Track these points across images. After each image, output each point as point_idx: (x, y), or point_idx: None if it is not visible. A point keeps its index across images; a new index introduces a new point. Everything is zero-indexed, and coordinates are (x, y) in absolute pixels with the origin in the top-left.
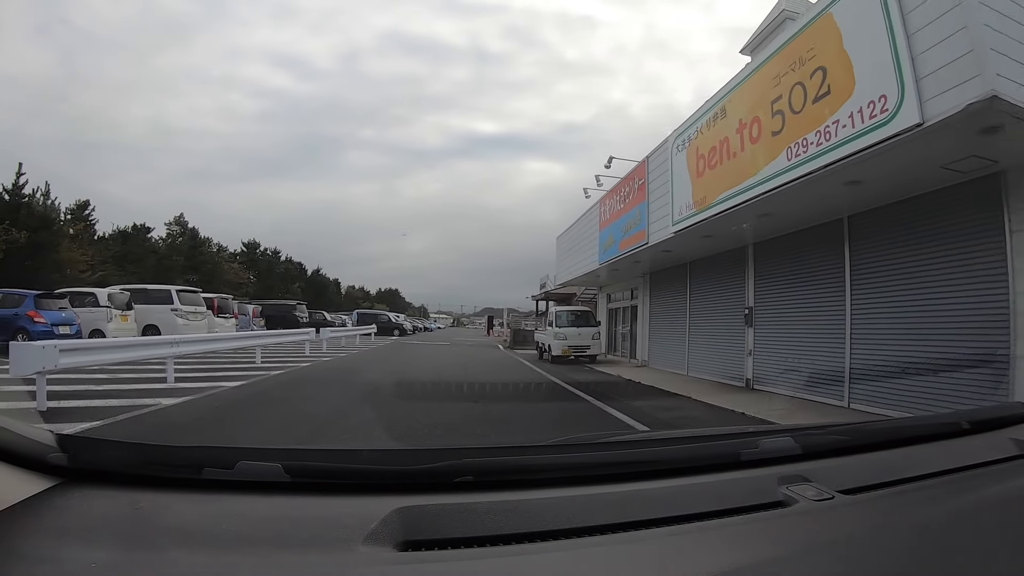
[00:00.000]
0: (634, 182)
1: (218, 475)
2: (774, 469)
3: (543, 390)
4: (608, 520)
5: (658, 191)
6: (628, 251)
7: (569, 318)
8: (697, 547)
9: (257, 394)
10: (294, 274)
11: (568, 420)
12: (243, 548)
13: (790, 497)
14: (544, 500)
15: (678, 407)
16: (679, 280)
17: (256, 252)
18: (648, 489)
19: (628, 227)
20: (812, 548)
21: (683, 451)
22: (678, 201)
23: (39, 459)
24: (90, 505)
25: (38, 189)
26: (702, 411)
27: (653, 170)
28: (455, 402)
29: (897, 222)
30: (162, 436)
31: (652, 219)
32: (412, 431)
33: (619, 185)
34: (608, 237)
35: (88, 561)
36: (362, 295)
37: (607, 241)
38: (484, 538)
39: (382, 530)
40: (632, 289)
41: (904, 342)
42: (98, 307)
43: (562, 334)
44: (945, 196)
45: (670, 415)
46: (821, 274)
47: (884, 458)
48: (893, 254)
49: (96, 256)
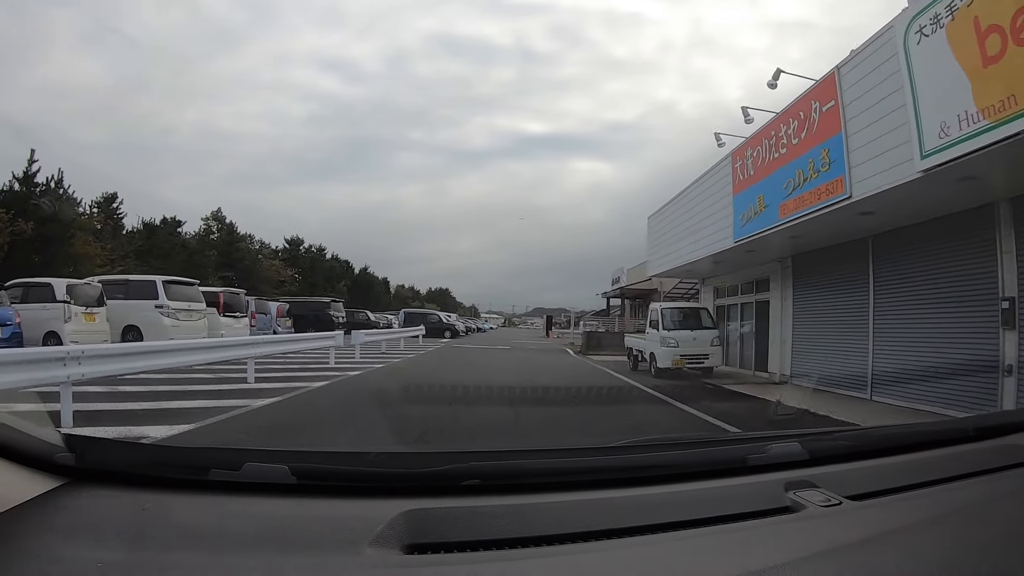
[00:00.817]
0: (809, 111)
1: (225, 476)
2: (781, 474)
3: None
4: (615, 525)
5: (869, 113)
6: (799, 216)
7: (678, 318)
8: (704, 553)
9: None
10: (339, 272)
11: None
12: (249, 549)
13: (797, 503)
14: (551, 504)
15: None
16: (852, 263)
17: (299, 249)
18: (655, 494)
19: (797, 181)
20: (820, 554)
21: (690, 456)
22: (933, 116)
23: (47, 459)
24: (97, 505)
25: (52, 178)
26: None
27: (853, 85)
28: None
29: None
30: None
31: (855, 160)
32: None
33: (775, 123)
34: (752, 203)
35: (95, 561)
36: (411, 294)
37: (748, 209)
38: (490, 542)
39: (388, 533)
40: (756, 280)
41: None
42: (53, 303)
43: (672, 339)
44: None
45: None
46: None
47: (891, 464)
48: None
49: (117, 250)
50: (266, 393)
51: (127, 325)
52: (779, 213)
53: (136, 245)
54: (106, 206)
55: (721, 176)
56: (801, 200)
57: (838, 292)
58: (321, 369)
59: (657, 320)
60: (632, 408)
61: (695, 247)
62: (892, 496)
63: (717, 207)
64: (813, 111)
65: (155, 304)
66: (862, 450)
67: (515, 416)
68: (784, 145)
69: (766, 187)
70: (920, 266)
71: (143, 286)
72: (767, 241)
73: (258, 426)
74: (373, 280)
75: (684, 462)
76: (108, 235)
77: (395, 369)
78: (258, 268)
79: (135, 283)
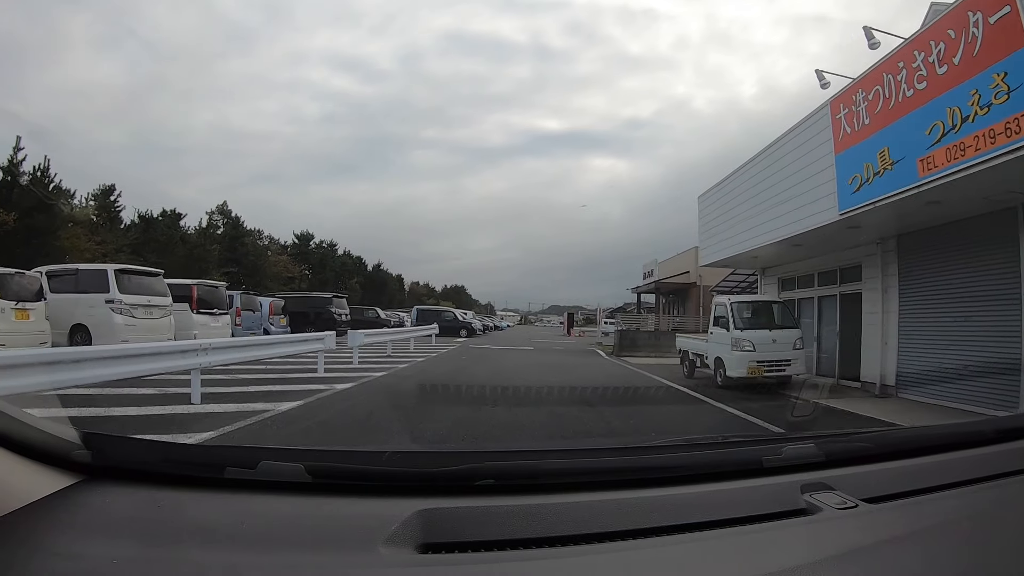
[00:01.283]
0: (964, 27)
1: (240, 475)
2: (797, 476)
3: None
4: (629, 526)
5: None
6: (956, 170)
7: (750, 314)
8: (718, 555)
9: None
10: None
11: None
12: (264, 547)
13: (813, 505)
14: (564, 505)
15: None
16: (990, 241)
17: (309, 244)
18: (669, 495)
19: (952, 123)
20: (835, 557)
21: (705, 457)
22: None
23: (63, 456)
24: (112, 502)
25: (38, 167)
26: None
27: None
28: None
29: None
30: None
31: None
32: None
33: (904, 51)
34: (869, 160)
35: (109, 557)
36: (426, 291)
37: (864, 170)
38: (504, 542)
39: (402, 532)
40: (841, 268)
41: None
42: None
43: (747, 341)
44: None
45: None
46: None
47: (908, 466)
48: None
49: (110, 244)
50: (208, 422)
51: (75, 324)
52: (918, 170)
53: (131, 239)
54: (103, 198)
55: (813, 134)
56: (959, 148)
57: (978, 277)
58: (302, 382)
59: (726, 317)
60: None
61: (766, 228)
62: (908, 499)
63: (806, 173)
64: (972, 25)
65: (105, 299)
66: (878, 452)
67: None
68: (923, 78)
69: (893, 137)
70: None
71: (93, 277)
72: (887, 211)
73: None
74: (387, 277)
75: (699, 463)
76: (104, 228)
77: (399, 379)
78: (264, 264)
79: (85, 273)
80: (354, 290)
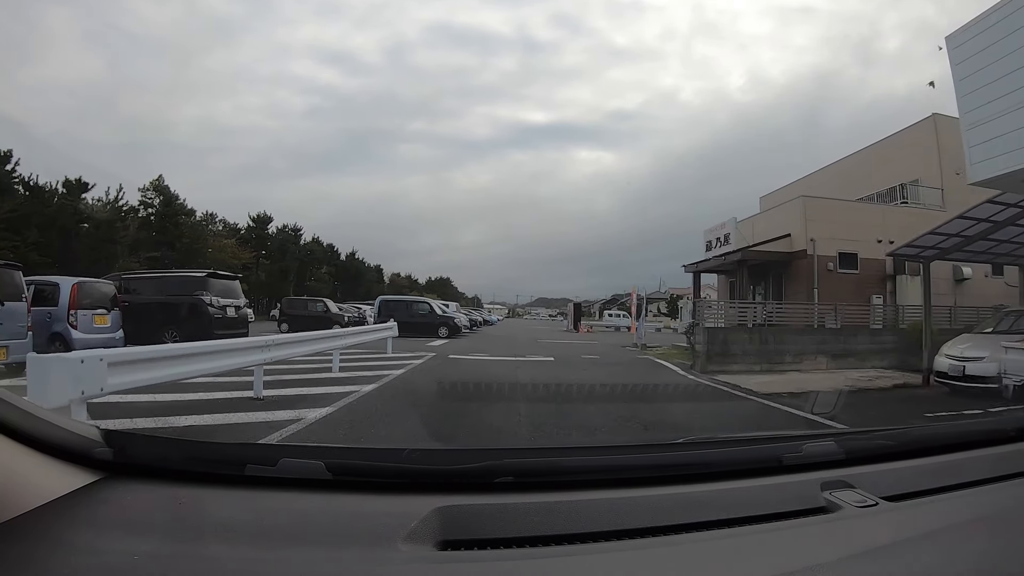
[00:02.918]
0: None
1: (260, 472)
2: (817, 474)
3: None
4: (647, 523)
5: None
6: None
7: None
8: (737, 553)
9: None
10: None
11: None
12: (284, 543)
13: (833, 503)
14: (583, 502)
15: None
16: None
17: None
18: (688, 493)
19: None
20: (854, 556)
21: (724, 455)
22: None
23: (85, 453)
24: (133, 499)
25: None
26: None
27: None
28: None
29: None
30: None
31: None
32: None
33: None
34: None
35: (131, 553)
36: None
37: None
38: (523, 539)
39: (422, 529)
40: None
41: None
42: None
43: None
44: None
45: None
46: None
47: (929, 464)
48: None
49: None
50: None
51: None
52: None
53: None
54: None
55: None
56: None
57: None
58: None
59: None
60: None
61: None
62: (929, 497)
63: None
64: None
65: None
66: (899, 450)
67: None
68: None
69: None
70: None
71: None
72: None
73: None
74: (363, 268)
75: (719, 461)
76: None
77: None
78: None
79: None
80: (323, 280)
